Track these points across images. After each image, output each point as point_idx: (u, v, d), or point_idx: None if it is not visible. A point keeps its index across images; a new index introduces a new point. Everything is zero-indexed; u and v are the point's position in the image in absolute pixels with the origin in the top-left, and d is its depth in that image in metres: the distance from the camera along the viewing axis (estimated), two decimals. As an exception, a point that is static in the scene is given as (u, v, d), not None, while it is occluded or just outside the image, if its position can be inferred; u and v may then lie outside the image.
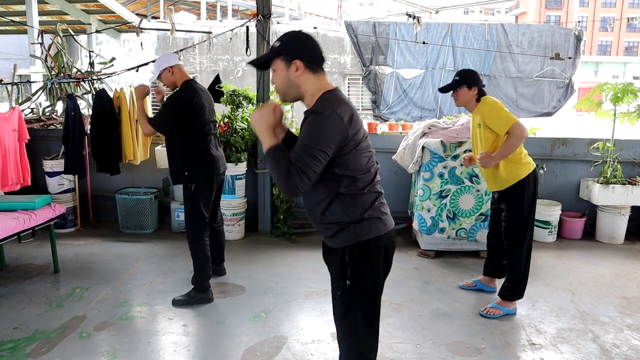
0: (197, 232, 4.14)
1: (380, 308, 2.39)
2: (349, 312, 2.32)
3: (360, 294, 2.30)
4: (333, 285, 2.39)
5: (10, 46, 17.90)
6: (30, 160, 6.31)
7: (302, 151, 2.07)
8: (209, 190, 4.15)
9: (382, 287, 2.39)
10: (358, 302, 2.31)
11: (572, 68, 17.50)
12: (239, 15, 21.40)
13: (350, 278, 2.28)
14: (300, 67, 2.23)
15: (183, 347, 3.44)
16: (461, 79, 3.98)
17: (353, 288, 2.29)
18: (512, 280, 4.02)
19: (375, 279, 2.32)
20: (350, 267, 2.28)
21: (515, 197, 3.94)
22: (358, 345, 2.34)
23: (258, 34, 5.81)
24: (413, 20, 6.91)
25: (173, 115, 3.99)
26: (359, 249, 2.26)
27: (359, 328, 2.32)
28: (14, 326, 3.68)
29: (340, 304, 2.35)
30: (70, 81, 6.38)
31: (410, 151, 5.37)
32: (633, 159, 6.03)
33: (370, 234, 2.25)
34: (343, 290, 2.32)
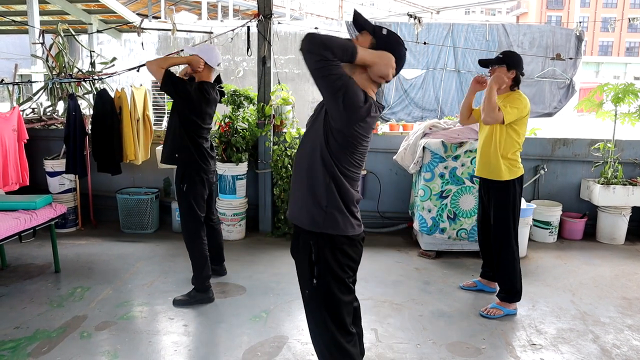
0: (193, 232, 4.15)
1: (351, 306, 2.43)
2: (317, 312, 2.37)
3: (328, 293, 2.33)
4: (300, 285, 2.42)
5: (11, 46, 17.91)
6: (31, 160, 6.31)
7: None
8: (200, 189, 4.16)
9: (352, 287, 2.43)
10: (326, 301, 2.34)
11: (573, 68, 17.48)
12: (240, 15, 21.40)
13: (317, 277, 2.30)
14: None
15: (184, 347, 3.45)
16: (504, 57, 3.95)
17: (320, 287, 2.32)
18: (506, 284, 4.03)
19: (342, 277, 2.34)
20: (317, 266, 2.30)
21: (498, 194, 4.00)
22: (330, 345, 2.37)
23: (259, 34, 5.81)
24: (414, 21, 6.91)
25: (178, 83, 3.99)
26: (327, 246, 2.30)
27: (330, 327, 2.35)
28: (15, 326, 3.69)
29: (308, 303, 2.40)
30: (72, 81, 6.38)
31: (411, 151, 5.37)
32: (634, 160, 6.03)
33: (341, 230, 2.30)
34: (310, 289, 2.35)
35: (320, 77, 2.10)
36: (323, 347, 2.40)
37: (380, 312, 4.00)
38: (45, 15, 10.68)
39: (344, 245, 2.32)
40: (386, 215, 6.20)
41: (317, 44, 2.06)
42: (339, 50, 2.07)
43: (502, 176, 3.94)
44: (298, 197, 2.38)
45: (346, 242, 2.32)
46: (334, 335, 2.35)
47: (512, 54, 4.01)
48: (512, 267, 4.00)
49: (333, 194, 2.27)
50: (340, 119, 2.16)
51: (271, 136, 5.86)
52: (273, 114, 5.83)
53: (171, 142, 4.15)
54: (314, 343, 2.45)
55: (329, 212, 2.28)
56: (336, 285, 2.33)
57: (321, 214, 2.28)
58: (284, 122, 5.94)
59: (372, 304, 4.16)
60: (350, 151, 2.24)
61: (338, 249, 2.31)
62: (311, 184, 2.29)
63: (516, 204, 4.00)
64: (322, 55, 2.05)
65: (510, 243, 4.01)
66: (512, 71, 3.90)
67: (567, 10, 48.66)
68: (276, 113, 5.88)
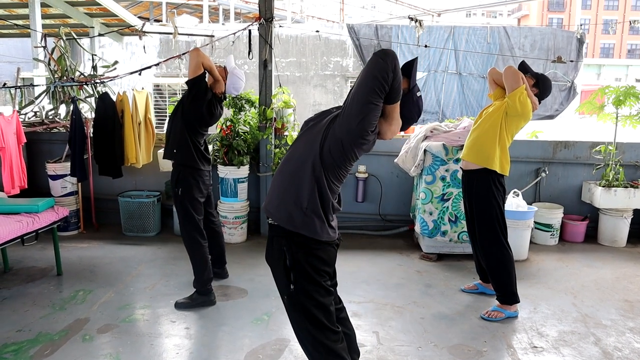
0: (191, 235, 4.16)
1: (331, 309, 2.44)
2: (298, 316, 2.40)
3: (307, 297, 2.36)
4: (279, 291, 2.47)
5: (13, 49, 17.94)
6: (33, 163, 6.35)
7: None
8: (197, 192, 4.17)
9: (330, 289, 2.45)
10: (305, 305, 2.36)
11: (575, 71, 17.49)
12: (241, 18, 21.45)
13: (294, 282, 2.35)
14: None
15: (185, 350, 3.45)
16: (537, 82, 4.05)
17: (298, 292, 2.36)
18: (499, 286, 4.02)
19: (319, 280, 2.37)
20: (292, 271, 2.34)
21: (483, 186, 3.99)
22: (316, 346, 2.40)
23: (260, 37, 5.83)
24: (415, 24, 6.92)
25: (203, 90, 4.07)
26: (301, 250, 2.33)
27: (312, 330, 2.37)
28: (17, 329, 3.70)
29: (289, 308, 2.44)
30: (74, 84, 6.40)
31: (412, 154, 5.38)
32: (635, 162, 6.03)
33: (317, 234, 2.33)
34: (288, 294, 2.39)
35: (368, 86, 2.19)
36: (311, 349, 2.43)
37: (381, 315, 4.01)
38: (47, 19, 10.70)
39: (317, 249, 2.35)
40: (387, 218, 6.21)
41: (392, 62, 2.18)
42: (396, 84, 2.21)
43: (491, 164, 3.92)
44: (279, 194, 2.40)
45: (320, 246, 2.35)
46: (317, 337, 2.38)
47: (545, 79, 4.13)
48: (502, 267, 3.98)
49: (315, 199, 2.31)
50: (348, 131, 2.23)
51: (272, 139, 5.88)
52: (274, 117, 5.84)
53: (172, 138, 4.20)
54: (301, 345, 2.48)
55: (308, 215, 2.31)
56: (314, 289, 2.36)
57: (300, 214, 2.31)
58: (285, 125, 5.95)
59: (373, 306, 4.16)
60: (338, 165, 2.31)
61: (312, 253, 2.34)
62: (296, 184, 2.33)
63: (498, 199, 3.98)
64: (387, 72, 2.16)
65: (498, 240, 3.98)
66: (535, 89, 4.02)
67: (568, 12, 48.67)
68: (277, 116, 5.90)
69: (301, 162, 2.33)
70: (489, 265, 4.05)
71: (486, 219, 4.00)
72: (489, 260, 4.04)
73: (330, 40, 15.97)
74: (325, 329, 2.39)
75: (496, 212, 3.99)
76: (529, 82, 3.99)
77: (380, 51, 2.19)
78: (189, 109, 4.08)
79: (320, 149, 2.28)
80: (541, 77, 4.10)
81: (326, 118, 2.37)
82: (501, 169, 3.96)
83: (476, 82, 15.52)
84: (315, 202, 2.31)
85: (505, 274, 3.99)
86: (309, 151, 2.31)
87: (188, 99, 4.07)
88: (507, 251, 4.01)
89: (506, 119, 3.92)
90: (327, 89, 16.35)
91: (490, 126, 3.98)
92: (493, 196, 3.97)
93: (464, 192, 4.26)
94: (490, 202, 3.98)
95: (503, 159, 3.97)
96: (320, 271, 2.37)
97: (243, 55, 11.59)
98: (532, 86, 4.00)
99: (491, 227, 3.99)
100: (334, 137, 2.26)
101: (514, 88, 3.85)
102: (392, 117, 2.33)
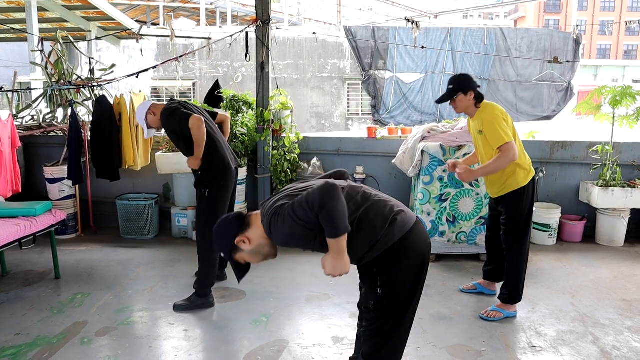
0: (209, 238, 4.12)
1: (413, 317, 2.40)
2: (385, 323, 2.32)
3: (394, 303, 2.31)
4: (366, 296, 2.40)
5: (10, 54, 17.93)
6: (30, 167, 6.34)
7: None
8: (223, 195, 4.17)
9: (419, 294, 2.38)
10: (391, 311, 2.31)
11: (571, 72, 17.57)
12: (238, 21, 21.48)
13: (381, 286, 2.29)
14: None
15: (184, 352, 3.45)
16: (455, 86, 3.90)
17: (385, 296, 2.30)
18: (511, 285, 4.02)
19: (408, 284, 2.32)
20: (380, 276, 2.29)
21: (514, 202, 3.93)
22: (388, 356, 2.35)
23: (257, 39, 5.83)
24: (412, 25, 6.94)
25: (178, 125, 4.03)
26: (387, 255, 2.27)
27: (390, 339, 2.33)
28: (15, 332, 3.69)
29: (374, 314, 2.35)
30: (71, 88, 6.40)
31: (409, 155, 5.39)
32: (632, 162, 6.04)
33: (394, 238, 2.25)
34: (375, 300, 2.32)
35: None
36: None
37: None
38: (44, 23, 10.72)
39: (401, 246, 2.28)
40: (386, 219, 6.19)
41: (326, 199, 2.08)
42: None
43: (520, 183, 3.86)
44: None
45: (400, 243, 2.28)
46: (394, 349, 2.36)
47: (460, 78, 3.96)
48: (521, 268, 3.99)
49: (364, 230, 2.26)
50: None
51: (270, 141, 5.88)
52: (272, 119, 5.85)
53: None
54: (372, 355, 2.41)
55: (376, 242, 2.27)
56: (402, 293, 2.32)
57: (370, 249, 2.29)
58: (283, 127, 5.96)
59: (372, 307, 4.16)
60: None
61: (398, 253, 2.29)
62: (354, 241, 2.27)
63: (531, 207, 3.96)
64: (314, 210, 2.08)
65: (524, 247, 3.97)
66: (469, 93, 3.87)
67: (565, 13, 48.78)
68: (275, 118, 5.90)
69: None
70: (511, 267, 4.01)
71: (519, 230, 3.96)
72: (512, 263, 4.01)
73: (327, 42, 16.00)
74: (402, 343, 2.39)
75: (529, 222, 3.97)
76: (470, 97, 3.87)
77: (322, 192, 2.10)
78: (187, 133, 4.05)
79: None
80: (465, 84, 3.91)
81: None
82: (527, 178, 3.89)
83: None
84: (367, 230, 2.25)
85: (521, 276, 4.00)
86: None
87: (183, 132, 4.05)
88: (528, 252, 4.03)
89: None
90: (324, 91, 16.37)
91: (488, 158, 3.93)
92: (528, 209, 3.93)
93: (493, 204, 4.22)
94: (522, 216, 3.93)
95: (520, 169, 3.87)
96: (411, 271, 2.32)
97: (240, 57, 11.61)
98: (473, 98, 3.89)
99: (522, 236, 3.96)
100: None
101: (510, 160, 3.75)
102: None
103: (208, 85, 7.09)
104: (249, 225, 2.30)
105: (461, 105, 3.92)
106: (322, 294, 4.36)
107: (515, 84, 17.06)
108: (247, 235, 2.29)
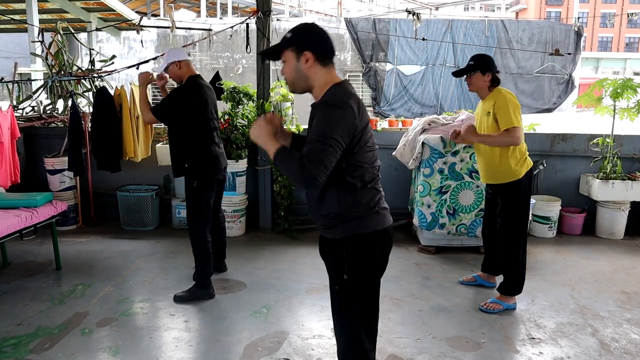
0: (199, 228, 4.16)
1: (379, 303, 2.42)
2: (348, 307, 2.35)
3: (359, 289, 2.33)
4: (331, 280, 2.41)
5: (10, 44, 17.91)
6: (31, 158, 6.34)
7: (317, 140, 2.07)
8: (211, 187, 4.18)
9: (380, 282, 2.41)
10: (356, 296, 2.33)
11: (573, 64, 17.53)
12: (238, 12, 21.40)
13: (348, 272, 2.30)
14: (310, 58, 2.23)
15: (185, 343, 3.47)
16: (475, 63, 3.91)
17: (351, 282, 2.31)
18: (510, 277, 4.03)
19: (373, 273, 2.34)
20: (347, 262, 2.30)
21: (511, 194, 3.93)
22: (357, 340, 2.36)
23: (258, 31, 5.82)
24: (413, 17, 6.91)
25: (174, 106, 4.04)
26: (358, 242, 2.28)
27: (358, 322, 2.35)
28: (16, 323, 3.70)
29: (339, 299, 2.38)
30: (71, 79, 6.39)
31: (410, 147, 5.38)
32: (633, 155, 6.04)
33: (370, 227, 2.28)
34: (341, 285, 2.34)
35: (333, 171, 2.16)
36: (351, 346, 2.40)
37: (380, 307, 3.97)
38: (44, 14, 10.69)
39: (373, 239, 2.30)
40: (386, 211, 6.19)
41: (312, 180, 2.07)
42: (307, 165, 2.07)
43: (517, 174, 3.87)
44: (320, 219, 2.36)
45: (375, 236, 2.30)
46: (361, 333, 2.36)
47: (482, 58, 3.97)
48: (519, 261, 4.00)
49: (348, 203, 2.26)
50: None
51: (271, 133, 5.86)
52: (272, 111, 5.84)
53: (176, 157, 4.19)
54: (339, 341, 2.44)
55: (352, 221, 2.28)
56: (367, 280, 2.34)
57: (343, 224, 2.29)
58: (284, 118, 5.95)
59: (372, 299, 4.17)
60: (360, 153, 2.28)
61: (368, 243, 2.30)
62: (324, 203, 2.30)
63: (528, 199, 3.97)
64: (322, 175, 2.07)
65: (521, 239, 3.99)
66: (487, 74, 3.87)
67: (567, 5, 48.61)
68: (275, 110, 5.89)
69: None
70: (509, 260, 4.03)
71: (516, 222, 3.97)
72: (510, 257, 4.02)
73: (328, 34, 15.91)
74: (371, 327, 2.40)
75: (525, 214, 3.99)
76: (487, 79, 3.88)
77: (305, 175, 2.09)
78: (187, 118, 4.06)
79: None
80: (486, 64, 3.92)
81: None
82: (514, 174, 3.88)
83: (474, 76, 15.52)
84: (355, 207, 2.26)
85: (521, 269, 4.01)
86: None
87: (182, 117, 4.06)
88: (525, 248, 4.05)
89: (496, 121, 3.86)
90: (325, 83, 16.29)
91: (488, 149, 3.94)
92: (524, 200, 3.94)
93: (488, 196, 4.24)
94: (519, 207, 3.95)
95: (520, 160, 3.88)
96: (374, 260, 2.33)
97: (241, 49, 11.57)
98: (490, 81, 3.90)
99: (519, 229, 3.97)
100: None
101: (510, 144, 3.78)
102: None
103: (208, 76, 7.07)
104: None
105: (476, 84, 3.92)
106: (322, 286, 4.36)
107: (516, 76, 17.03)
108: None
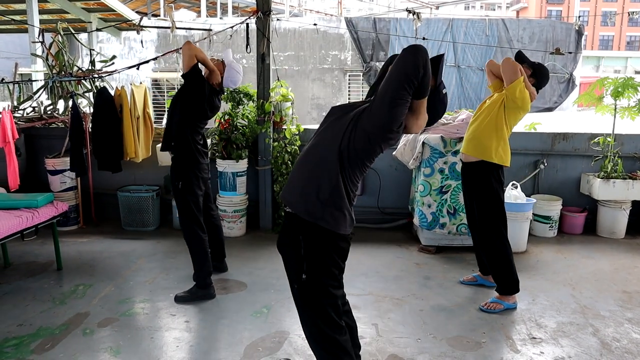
0: (191, 228, 4.17)
1: (339, 303, 2.46)
2: (308, 306, 2.40)
3: (318, 288, 2.36)
4: (289, 278, 2.45)
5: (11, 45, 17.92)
6: (32, 158, 6.34)
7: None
8: (197, 187, 4.19)
9: (341, 281, 2.47)
10: (316, 295, 2.37)
11: (573, 63, 17.51)
12: (239, 12, 21.40)
13: (306, 272, 2.34)
14: None
15: (185, 343, 3.47)
16: (534, 72, 4.05)
17: (310, 282, 2.35)
18: (500, 276, 4.04)
19: (333, 272, 2.38)
20: (306, 261, 2.33)
21: (484, 180, 4.00)
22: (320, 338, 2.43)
23: (258, 30, 5.82)
24: (413, 16, 6.90)
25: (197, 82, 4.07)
26: (318, 240, 2.33)
27: (318, 322, 2.39)
28: (18, 323, 3.71)
29: (299, 299, 2.42)
30: (72, 79, 6.39)
31: (410, 147, 5.38)
32: (634, 154, 6.03)
33: (334, 227, 2.33)
34: (299, 284, 2.38)
35: (398, 82, 2.21)
36: (315, 340, 2.45)
37: (380, 307, 4.02)
38: (44, 14, 10.68)
39: (334, 242, 2.36)
40: (386, 210, 6.21)
41: (423, 58, 2.20)
42: (426, 80, 2.24)
43: (489, 156, 3.93)
44: (300, 184, 2.40)
45: (336, 239, 2.36)
46: (323, 328, 2.40)
47: (541, 67, 4.10)
48: (503, 258, 4.00)
49: (337, 192, 2.30)
50: (376, 125, 2.26)
51: (271, 133, 5.87)
52: (273, 111, 5.84)
53: (170, 130, 4.22)
54: (306, 335, 2.51)
55: (329, 207, 2.30)
56: (326, 280, 2.37)
57: (320, 206, 2.31)
58: (284, 118, 5.95)
59: (372, 299, 4.18)
60: (362, 159, 2.34)
61: (328, 245, 2.34)
62: (319, 176, 2.32)
63: (498, 190, 4.01)
64: (418, 69, 2.19)
65: (499, 232, 4.00)
66: (532, 79, 4.02)
67: (567, 4, 48.53)
68: (276, 110, 5.89)
69: (325, 153, 2.33)
70: (490, 256, 4.06)
71: (486, 211, 4.02)
72: (489, 251, 4.06)
73: (328, 33, 15.92)
74: (332, 322, 2.40)
75: (496, 203, 4.00)
76: (526, 72, 3.99)
77: (411, 47, 2.20)
78: (188, 103, 4.09)
79: (347, 141, 2.28)
80: (538, 66, 4.09)
81: (354, 111, 2.36)
82: (500, 160, 3.96)
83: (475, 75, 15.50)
84: (336, 195, 2.31)
85: (506, 264, 4.01)
86: (334, 144, 2.31)
87: (187, 93, 4.08)
88: (508, 242, 4.04)
89: (505, 111, 3.93)
90: (325, 83, 16.32)
91: (488, 119, 3.99)
92: (493, 188, 3.99)
93: (464, 184, 4.28)
94: (490, 193, 3.99)
95: (502, 150, 3.97)
96: (335, 263, 2.38)
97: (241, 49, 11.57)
98: (529, 76, 4.00)
99: (491, 219, 4.01)
100: (361, 131, 2.27)
101: (512, 80, 3.85)
102: (419, 111, 2.35)
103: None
104: None
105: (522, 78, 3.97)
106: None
107: (516, 76, 16.97)
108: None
